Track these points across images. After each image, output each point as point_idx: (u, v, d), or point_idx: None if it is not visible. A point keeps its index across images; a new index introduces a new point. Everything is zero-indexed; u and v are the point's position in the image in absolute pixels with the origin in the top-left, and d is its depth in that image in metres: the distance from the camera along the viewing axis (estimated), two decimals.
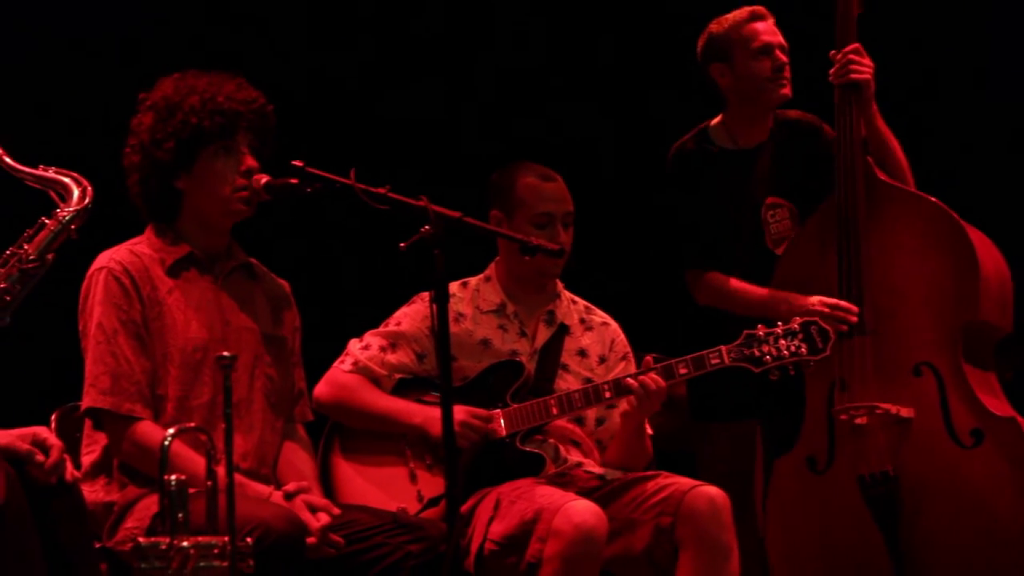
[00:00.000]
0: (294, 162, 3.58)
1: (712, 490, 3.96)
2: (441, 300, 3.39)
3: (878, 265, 4.37)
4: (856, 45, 4.43)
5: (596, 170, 5.82)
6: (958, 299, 4.32)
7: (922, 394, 4.32)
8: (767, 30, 4.51)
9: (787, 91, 4.50)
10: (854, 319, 4.30)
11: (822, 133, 4.57)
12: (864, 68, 4.41)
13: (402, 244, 3.42)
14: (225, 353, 3.08)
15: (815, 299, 4.34)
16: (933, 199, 4.39)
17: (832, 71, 4.44)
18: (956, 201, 4.41)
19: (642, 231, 5.69)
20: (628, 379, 4.06)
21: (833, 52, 4.45)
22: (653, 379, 4.03)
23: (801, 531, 4.40)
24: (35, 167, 3.45)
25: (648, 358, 4.10)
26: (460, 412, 3.93)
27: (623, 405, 4.14)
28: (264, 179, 3.70)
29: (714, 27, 4.55)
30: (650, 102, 6.00)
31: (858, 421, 4.32)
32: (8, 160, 3.40)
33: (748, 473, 4.50)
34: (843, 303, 4.32)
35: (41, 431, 3.31)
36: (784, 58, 4.50)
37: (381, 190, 3.51)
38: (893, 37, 4.84)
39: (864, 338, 4.33)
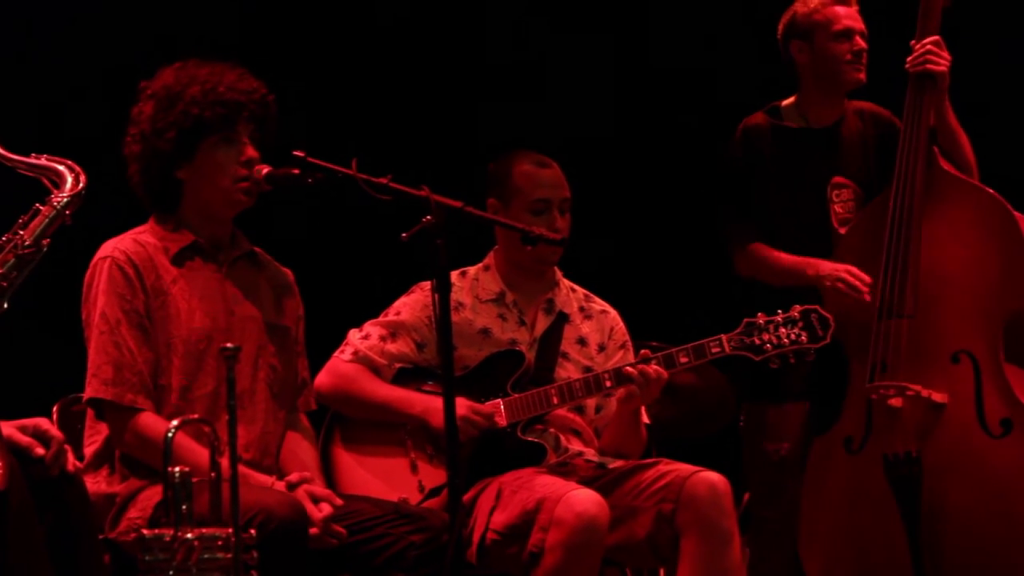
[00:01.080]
0: (295, 152, 3.57)
1: (713, 476, 3.97)
2: (443, 290, 3.38)
3: (927, 250, 4.40)
4: (936, 37, 4.48)
5: (595, 156, 5.82)
6: (1003, 289, 4.34)
7: (957, 381, 4.34)
8: (849, 15, 4.59)
9: (862, 76, 4.58)
10: (864, 289, 4.32)
11: (893, 125, 4.62)
12: (942, 60, 4.46)
13: (404, 234, 3.41)
14: (229, 344, 3.08)
15: (842, 266, 4.38)
16: (990, 190, 4.42)
17: (909, 59, 4.49)
18: (1015, 194, 4.42)
19: (642, 217, 5.72)
20: (628, 368, 4.06)
21: (913, 42, 4.49)
22: (654, 368, 4.04)
23: (828, 509, 4.43)
24: (27, 155, 3.44)
25: (644, 351, 4.10)
26: (460, 406, 3.92)
27: (620, 392, 4.14)
28: (265, 169, 3.69)
29: (799, 6, 4.64)
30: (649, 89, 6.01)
31: (891, 402, 4.34)
32: (0, 149, 3.39)
33: (795, 453, 4.51)
34: (860, 272, 4.35)
35: (42, 422, 3.30)
36: (863, 44, 4.58)
37: (382, 180, 3.49)
38: (973, 35, 4.84)
39: (903, 321, 4.36)
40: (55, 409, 3.85)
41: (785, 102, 4.67)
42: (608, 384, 4.09)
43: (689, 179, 5.95)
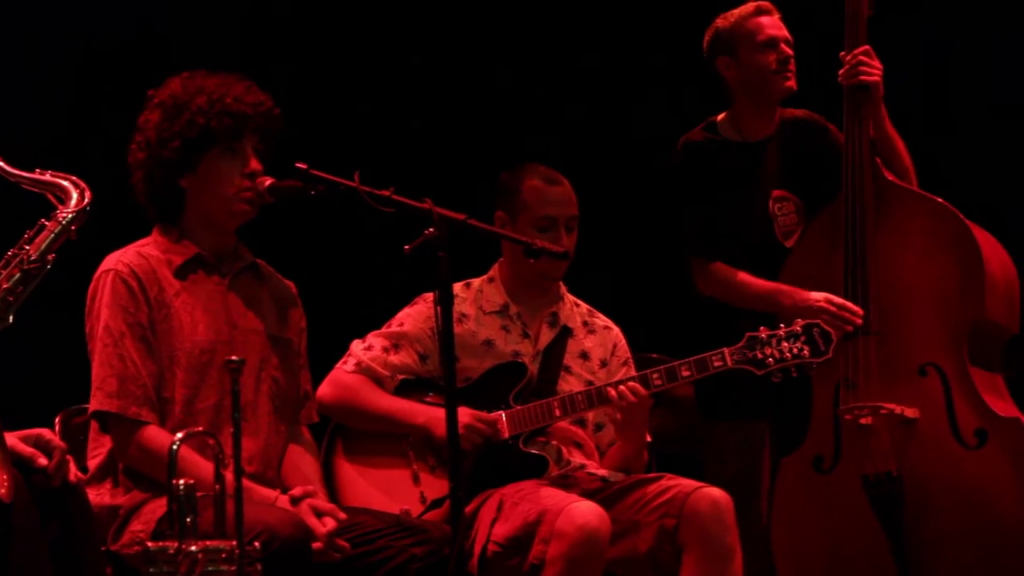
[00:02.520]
0: (298, 164, 3.57)
1: (715, 492, 3.97)
2: (446, 302, 3.39)
3: (885, 265, 4.39)
4: (866, 47, 4.47)
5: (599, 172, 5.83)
6: (964, 299, 4.34)
7: (927, 394, 4.33)
8: (772, 24, 4.55)
9: (792, 84, 4.54)
10: (859, 321, 4.31)
11: (828, 132, 4.60)
12: (874, 70, 4.45)
13: (407, 246, 3.42)
14: (233, 357, 3.08)
15: (821, 296, 4.35)
16: (939, 199, 4.42)
17: (842, 72, 4.48)
18: (963, 202, 4.42)
19: (642, 232, 5.71)
20: (610, 389, 4.04)
21: (843, 53, 4.48)
22: (634, 388, 4.01)
23: (806, 531, 4.42)
24: (31, 171, 3.44)
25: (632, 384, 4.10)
26: (464, 415, 3.93)
27: (618, 416, 4.13)
28: (268, 181, 3.69)
29: (720, 22, 4.60)
30: (643, 104, 6.01)
31: (863, 421, 4.34)
32: (4, 165, 3.39)
33: (756, 473, 4.50)
34: (849, 304, 4.34)
35: (44, 432, 3.31)
36: (789, 51, 4.54)
37: (385, 192, 3.50)
38: (901, 39, 4.84)
39: (870, 338, 4.35)
40: (57, 420, 3.85)
41: (719, 117, 4.62)
42: (611, 396, 4.09)
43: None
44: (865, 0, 4.49)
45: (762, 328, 4.12)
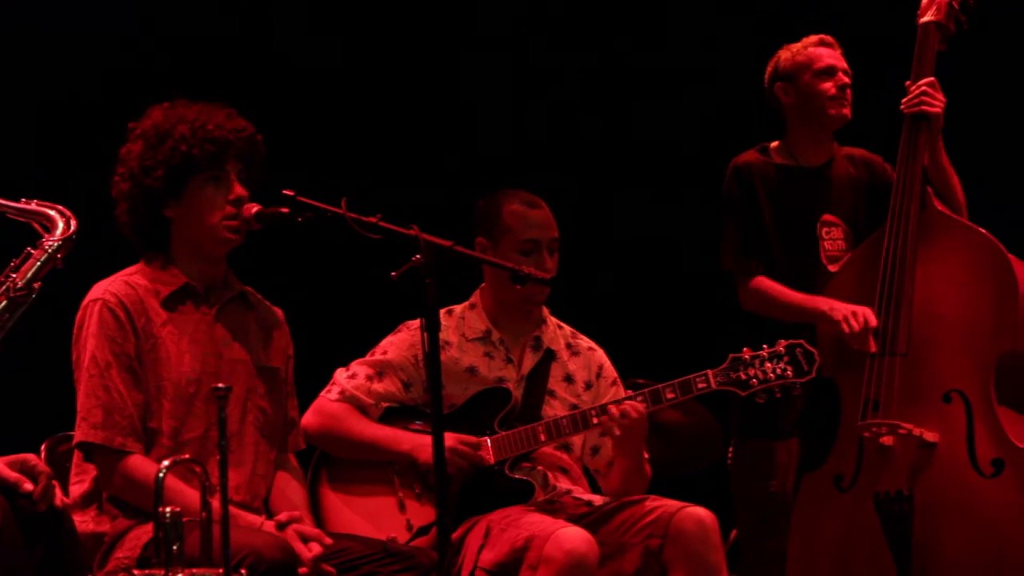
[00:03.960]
0: (285, 191, 3.58)
1: (700, 511, 3.98)
2: (433, 328, 3.39)
3: (921, 290, 4.42)
4: (932, 79, 4.52)
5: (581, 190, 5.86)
6: (996, 329, 4.36)
7: (949, 420, 4.34)
8: (831, 55, 4.64)
9: (847, 111, 4.60)
10: (857, 327, 4.33)
11: (883, 170, 4.66)
12: (936, 101, 4.50)
13: (393, 273, 3.42)
14: (220, 384, 3.08)
15: (860, 308, 4.37)
16: (982, 231, 4.45)
17: (905, 100, 4.53)
18: (1008, 236, 4.45)
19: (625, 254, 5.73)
20: (611, 406, 4.06)
21: (908, 83, 4.53)
22: (633, 407, 4.04)
23: (820, 547, 4.43)
24: (17, 200, 3.45)
25: (627, 391, 4.12)
26: (449, 439, 3.92)
27: (615, 433, 4.15)
28: (255, 208, 3.70)
29: (783, 52, 4.69)
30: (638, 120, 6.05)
31: (883, 440, 4.34)
32: None
33: (786, 491, 4.51)
34: (860, 313, 4.34)
35: (30, 458, 3.31)
36: (846, 80, 4.61)
37: (372, 219, 3.51)
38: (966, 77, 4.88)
39: (896, 359, 4.37)
40: (43, 448, 3.83)
41: (773, 144, 4.69)
42: (595, 421, 4.10)
43: (674, 213, 6.00)
44: (938, 34, 4.54)
45: (745, 349, 4.14)
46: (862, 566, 4.36)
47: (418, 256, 3.40)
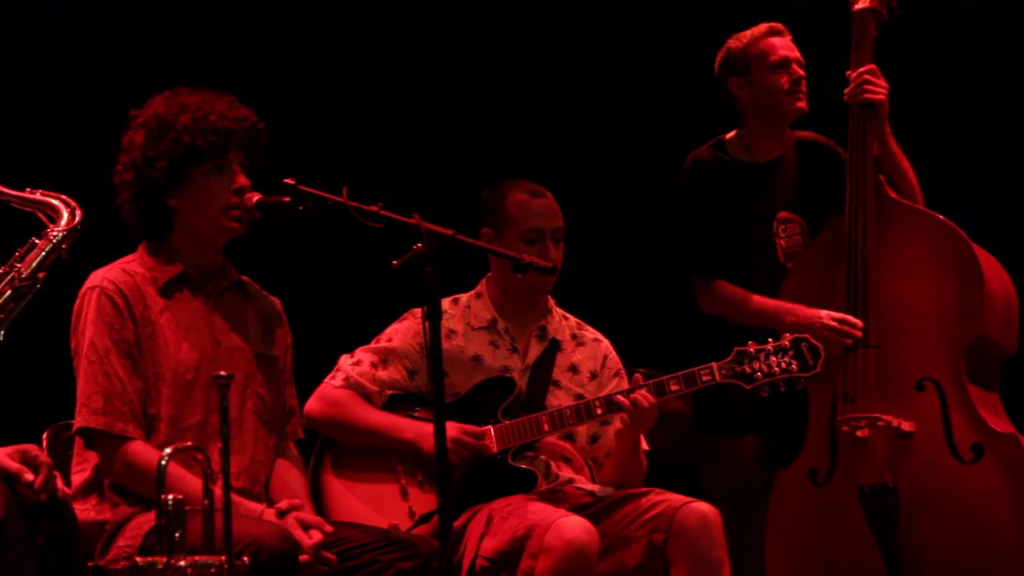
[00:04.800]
0: (286, 180, 3.58)
1: (704, 506, 3.97)
2: (434, 317, 3.38)
3: (885, 281, 4.40)
4: (872, 66, 4.49)
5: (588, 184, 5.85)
6: (963, 315, 4.35)
7: (924, 408, 4.34)
8: (784, 45, 4.58)
9: (803, 104, 4.56)
10: (859, 334, 4.33)
11: (837, 155, 4.62)
12: (879, 89, 4.47)
13: (395, 262, 3.42)
14: (222, 372, 3.09)
15: (823, 313, 4.36)
16: (941, 217, 4.43)
17: (847, 90, 4.50)
18: (965, 221, 4.43)
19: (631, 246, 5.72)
20: (619, 396, 4.06)
21: (849, 72, 4.50)
22: (644, 396, 4.04)
23: (800, 543, 4.42)
24: (22, 190, 3.45)
25: (637, 376, 4.11)
26: (452, 429, 3.94)
27: (616, 423, 4.15)
28: (256, 197, 3.70)
29: (733, 42, 4.63)
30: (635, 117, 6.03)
31: (859, 433, 4.34)
32: None
33: (756, 486, 4.50)
34: (850, 318, 4.35)
35: (31, 448, 3.32)
36: (801, 72, 4.57)
37: (374, 208, 3.50)
38: (906, 58, 4.86)
39: (869, 351, 4.36)
40: (45, 436, 3.84)
41: (728, 136, 4.64)
42: (599, 412, 4.10)
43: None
44: (872, 20, 4.51)
45: (750, 343, 4.12)
46: (850, 559, 4.35)
47: (419, 245, 3.40)
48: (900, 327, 4.38)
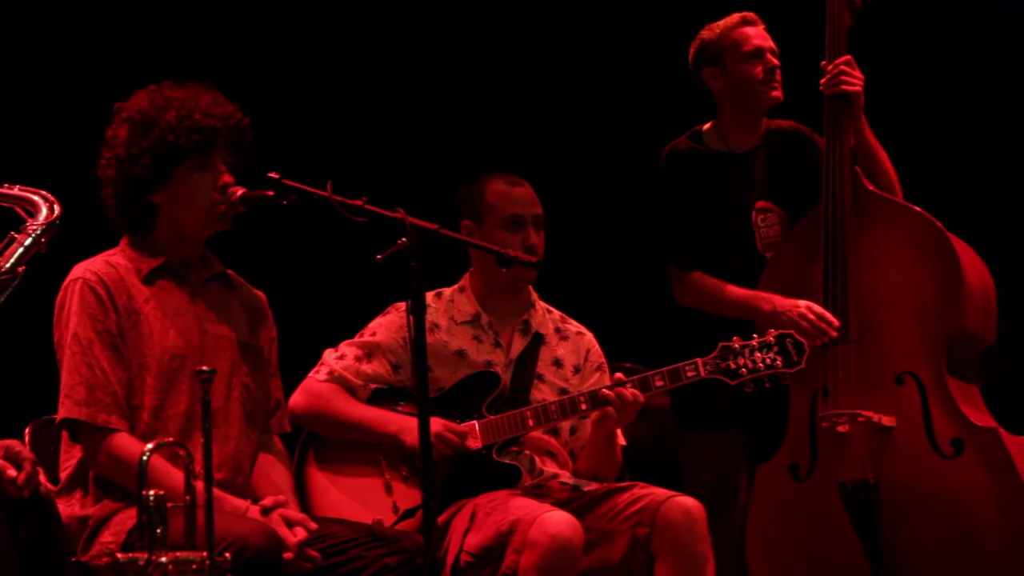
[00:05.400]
0: (270, 174, 3.56)
1: (687, 501, 3.97)
2: (418, 312, 3.38)
3: (864, 274, 4.40)
4: (847, 57, 4.49)
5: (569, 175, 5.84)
6: (942, 309, 4.35)
7: (904, 403, 4.34)
8: (758, 34, 4.58)
9: (778, 94, 4.56)
10: (834, 334, 4.31)
11: (813, 143, 4.61)
12: (855, 80, 4.47)
13: (379, 256, 3.41)
14: (204, 367, 3.08)
15: (802, 303, 4.35)
16: (918, 209, 4.43)
17: (823, 81, 4.49)
18: (943, 213, 4.44)
19: (615, 239, 5.71)
20: (604, 391, 4.06)
21: (824, 63, 4.49)
22: (630, 391, 4.04)
23: (781, 538, 4.43)
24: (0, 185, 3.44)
25: (619, 374, 4.11)
26: (436, 425, 3.93)
27: (595, 414, 4.14)
28: (240, 191, 3.68)
29: (706, 33, 4.62)
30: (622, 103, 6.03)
31: (840, 429, 4.34)
32: None
33: (732, 481, 4.50)
34: (828, 315, 4.33)
35: (13, 444, 3.30)
36: (775, 61, 4.56)
37: (358, 202, 3.49)
38: (882, 50, 4.85)
39: (848, 346, 4.36)
40: (27, 431, 3.83)
41: (705, 126, 4.63)
42: (583, 407, 4.09)
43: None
44: (846, 10, 4.50)
45: (735, 338, 4.12)
46: (831, 555, 4.36)
47: (404, 239, 3.39)
48: (879, 321, 4.39)
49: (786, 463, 4.43)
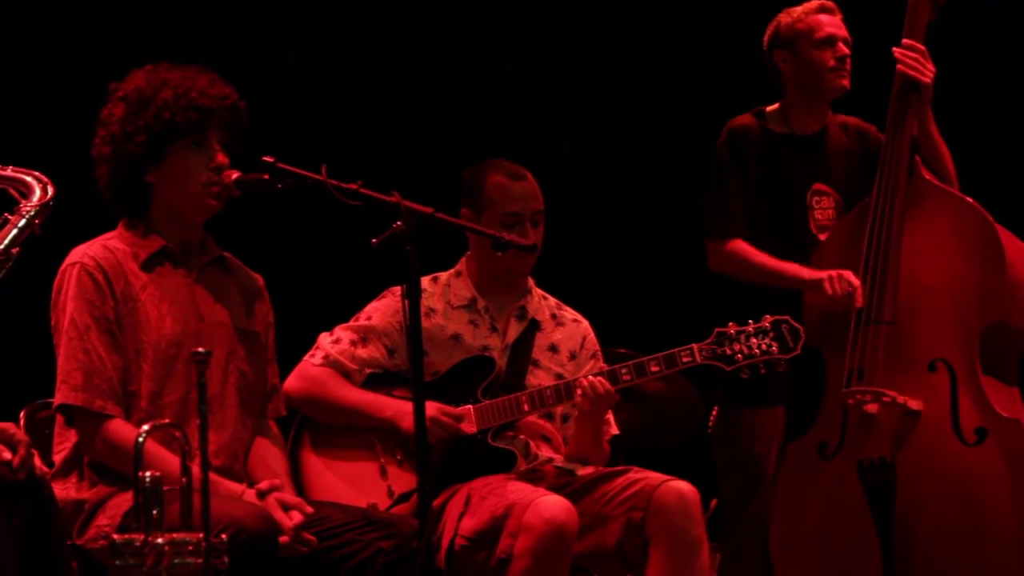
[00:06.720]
0: (265, 158, 3.56)
1: (682, 485, 3.98)
2: (413, 296, 3.38)
3: (908, 259, 4.42)
4: (923, 48, 4.50)
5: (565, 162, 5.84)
6: (982, 298, 4.35)
7: (933, 389, 4.34)
8: (832, 23, 4.61)
9: (846, 82, 4.59)
10: (858, 298, 4.31)
11: (876, 140, 4.62)
12: (927, 71, 4.48)
13: (374, 240, 3.41)
14: (200, 349, 3.07)
15: (841, 271, 4.36)
16: (970, 200, 4.43)
17: (897, 53, 4.49)
18: (997, 206, 4.43)
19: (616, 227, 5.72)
20: (581, 379, 4.05)
21: (896, 49, 4.49)
22: (601, 383, 4.03)
23: (801, 515, 4.43)
24: None
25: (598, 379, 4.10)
26: (431, 408, 3.93)
27: (586, 405, 4.14)
28: (235, 175, 3.67)
29: (783, 17, 4.66)
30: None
31: (867, 408, 4.34)
32: None
33: (767, 457, 4.53)
34: (852, 277, 4.34)
35: (8, 427, 3.30)
36: (846, 50, 4.59)
37: (353, 186, 3.49)
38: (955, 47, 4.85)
39: (881, 327, 4.37)
40: (22, 415, 3.83)
41: (770, 108, 4.67)
42: (579, 392, 4.09)
43: (658, 185, 5.99)
44: (928, 4, 4.51)
45: (731, 324, 4.13)
46: (844, 534, 4.37)
47: (399, 223, 3.39)
48: (918, 306, 4.39)
49: (816, 441, 4.44)
